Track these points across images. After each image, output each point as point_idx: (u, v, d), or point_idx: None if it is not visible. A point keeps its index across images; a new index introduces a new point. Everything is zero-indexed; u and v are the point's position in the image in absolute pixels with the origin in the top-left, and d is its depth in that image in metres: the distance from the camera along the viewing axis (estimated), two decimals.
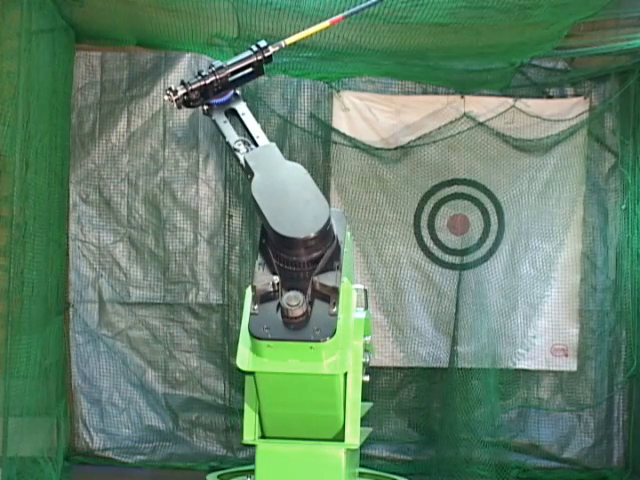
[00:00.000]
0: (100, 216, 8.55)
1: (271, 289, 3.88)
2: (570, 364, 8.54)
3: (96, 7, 7.12)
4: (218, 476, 4.79)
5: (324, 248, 3.93)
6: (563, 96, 8.66)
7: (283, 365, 3.91)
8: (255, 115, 4.44)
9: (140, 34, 7.89)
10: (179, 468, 8.37)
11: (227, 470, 4.92)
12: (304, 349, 3.86)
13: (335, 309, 3.89)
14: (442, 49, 7.69)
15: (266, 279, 3.88)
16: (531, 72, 8.53)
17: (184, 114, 8.57)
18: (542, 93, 8.63)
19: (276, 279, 3.88)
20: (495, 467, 7.92)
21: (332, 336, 3.83)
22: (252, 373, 4.04)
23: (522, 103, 8.50)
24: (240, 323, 4.03)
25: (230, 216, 8.56)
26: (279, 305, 3.85)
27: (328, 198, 8.45)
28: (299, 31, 4.51)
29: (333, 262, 3.94)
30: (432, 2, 6.50)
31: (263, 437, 4.20)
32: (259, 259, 3.96)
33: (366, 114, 8.51)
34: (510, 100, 8.50)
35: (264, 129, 4.35)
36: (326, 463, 4.20)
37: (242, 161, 4.20)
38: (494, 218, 8.55)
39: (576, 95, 8.62)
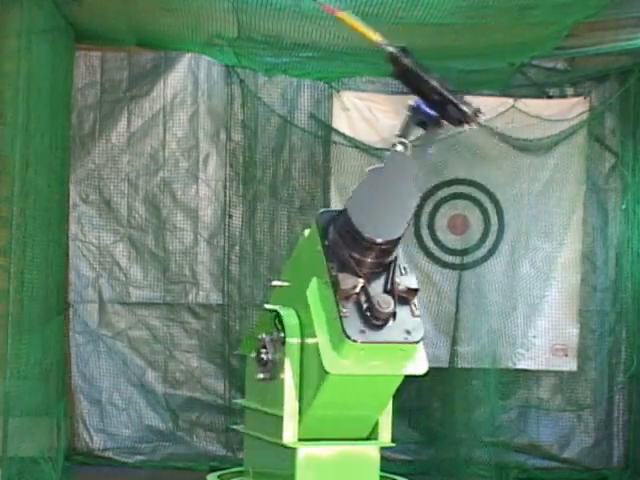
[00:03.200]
0: (100, 216, 8.55)
1: (356, 292, 3.90)
2: (570, 364, 8.53)
3: (96, 7, 7.12)
4: (218, 476, 4.79)
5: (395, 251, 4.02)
6: (563, 96, 8.66)
7: (374, 367, 3.97)
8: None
9: (140, 34, 7.89)
10: (179, 468, 8.37)
11: (227, 470, 4.92)
12: (394, 351, 3.94)
13: (418, 310, 3.97)
14: (442, 49, 7.68)
15: (352, 282, 3.91)
16: (531, 72, 8.53)
17: (184, 114, 8.57)
18: (542, 93, 8.63)
19: (361, 281, 3.91)
20: (495, 467, 7.92)
21: (422, 337, 3.93)
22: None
23: (522, 103, 8.50)
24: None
25: (230, 216, 8.56)
26: (365, 307, 3.89)
27: (328, 198, 8.46)
28: (299, 31, 4.50)
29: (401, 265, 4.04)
30: (432, 2, 6.50)
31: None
32: (332, 263, 3.97)
33: (366, 114, 8.50)
34: (510, 100, 8.50)
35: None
36: (363, 462, 4.25)
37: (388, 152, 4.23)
38: (494, 218, 8.55)
39: (576, 95, 8.62)
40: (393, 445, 4.33)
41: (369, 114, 8.51)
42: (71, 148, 8.31)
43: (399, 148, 4.28)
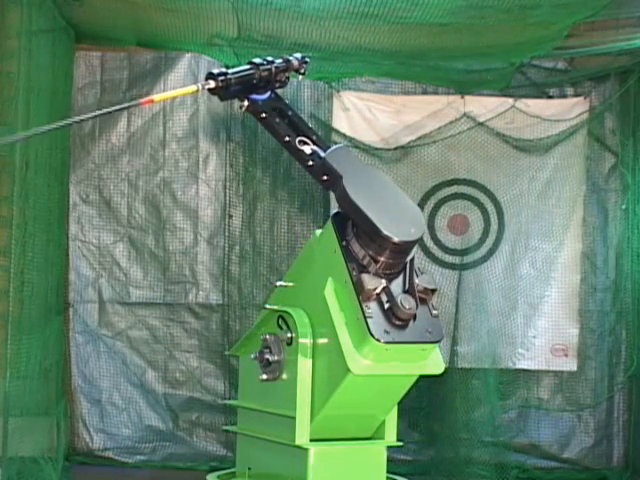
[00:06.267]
0: (100, 216, 8.55)
1: (377, 292, 3.92)
2: (570, 364, 8.53)
3: (96, 7, 7.12)
4: (218, 476, 4.79)
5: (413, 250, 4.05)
6: (563, 96, 8.66)
7: (394, 367, 4.01)
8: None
9: (140, 34, 7.89)
10: (179, 468, 8.36)
11: (227, 470, 4.92)
12: (416, 351, 4.00)
13: (436, 311, 4.03)
14: (442, 49, 7.69)
15: (375, 282, 3.92)
16: (531, 72, 8.53)
17: (184, 114, 8.57)
18: (542, 93, 8.63)
19: (383, 282, 3.92)
20: (495, 467, 7.91)
21: (443, 336, 4.02)
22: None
23: (522, 103, 8.50)
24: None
25: (230, 216, 8.56)
26: (386, 308, 3.91)
27: (328, 198, 8.46)
28: (299, 31, 4.53)
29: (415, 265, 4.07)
30: (432, 2, 6.50)
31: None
32: (353, 263, 3.98)
33: (366, 114, 8.50)
34: (510, 100, 8.50)
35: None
36: (372, 461, 4.30)
37: (310, 162, 4.19)
38: (494, 218, 8.54)
39: (576, 95, 8.62)
40: (401, 445, 4.34)
41: (369, 114, 8.51)
42: (71, 148, 8.32)
43: (307, 149, 4.24)
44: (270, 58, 4.38)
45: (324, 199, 8.53)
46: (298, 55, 4.43)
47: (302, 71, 4.40)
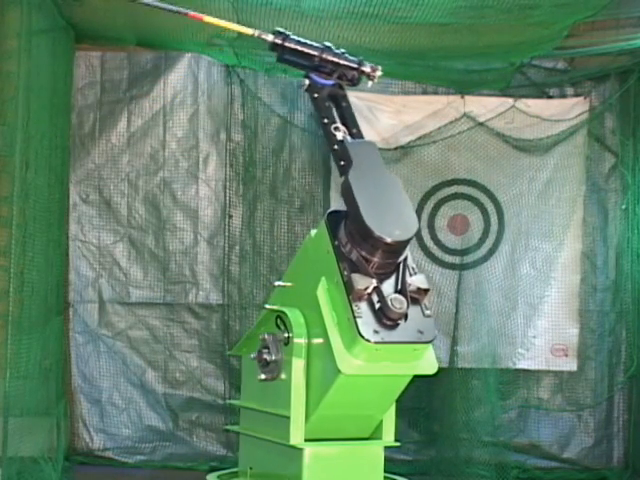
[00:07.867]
0: (100, 216, 8.55)
1: (368, 292, 3.92)
2: (570, 364, 8.54)
3: (96, 7, 7.12)
4: (218, 476, 4.79)
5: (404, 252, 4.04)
6: (563, 96, 8.66)
7: (386, 367, 3.99)
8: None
9: (140, 34, 7.89)
10: (179, 468, 8.36)
11: (227, 470, 4.92)
12: (408, 351, 3.97)
13: (429, 310, 4.03)
14: (442, 49, 7.69)
15: (365, 282, 3.92)
16: (531, 72, 8.54)
17: (184, 114, 8.57)
18: (542, 93, 8.63)
19: (374, 282, 3.91)
20: (495, 467, 7.91)
21: (435, 337, 3.99)
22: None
23: (522, 103, 8.50)
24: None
25: (230, 216, 8.56)
26: (377, 308, 3.90)
27: (328, 198, 8.46)
28: (299, 31, 4.52)
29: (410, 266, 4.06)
30: (432, 2, 6.51)
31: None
32: (344, 263, 3.98)
33: (366, 114, 8.50)
34: (510, 100, 8.50)
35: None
36: (369, 461, 4.29)
37: (336, 146, 4.22)
38: (494, 218, 8.55)
39: (576, 95, 8.62)
40: (398, 445, 4.34)
41: (369, 114, 8.51)
42: (71, 148, 8.32)
43: (339, 136, 4.25)
44: (343, 50, 4.38)
45: (324, 199, 8.54)
46: (373, 64, 4.43)
47: (373, 78, 4.41)
